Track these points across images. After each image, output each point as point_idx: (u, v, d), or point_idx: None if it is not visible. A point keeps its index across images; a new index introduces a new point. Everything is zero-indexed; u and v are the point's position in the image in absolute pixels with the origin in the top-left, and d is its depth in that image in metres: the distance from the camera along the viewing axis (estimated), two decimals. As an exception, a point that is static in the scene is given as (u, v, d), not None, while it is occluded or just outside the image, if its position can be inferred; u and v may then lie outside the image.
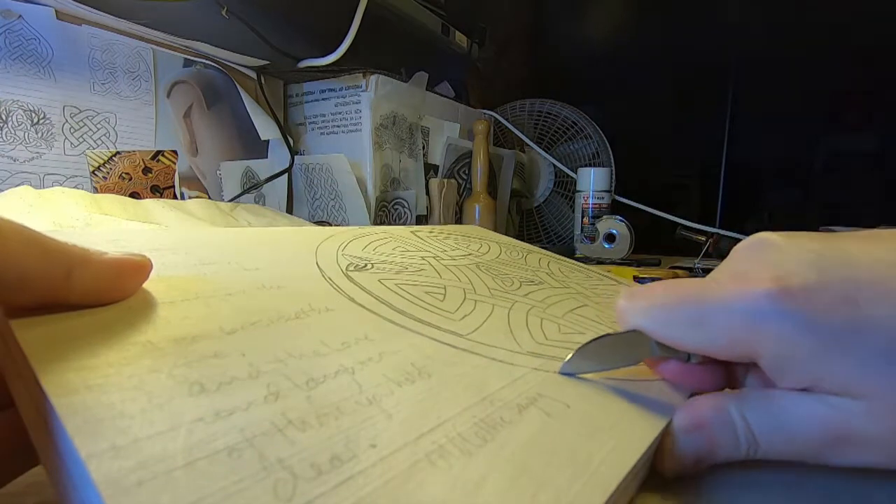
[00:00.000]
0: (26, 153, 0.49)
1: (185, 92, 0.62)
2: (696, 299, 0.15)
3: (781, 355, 0.14)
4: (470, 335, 0.19)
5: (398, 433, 0.12)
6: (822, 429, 0.14)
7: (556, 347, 0.20)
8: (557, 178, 1.03)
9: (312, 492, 0.10)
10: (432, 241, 0.33)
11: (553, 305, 0.25)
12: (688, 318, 0.15)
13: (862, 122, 0.97)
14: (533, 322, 0.22)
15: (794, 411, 0.14)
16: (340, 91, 0.71)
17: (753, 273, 0.15)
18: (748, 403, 0.15)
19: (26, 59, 0.48)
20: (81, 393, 0.10)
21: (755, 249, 0.16)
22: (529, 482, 0.11)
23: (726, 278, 0.16)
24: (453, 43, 0.88)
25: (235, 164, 0.68)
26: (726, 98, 1.06)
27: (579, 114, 1.02)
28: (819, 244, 0.15)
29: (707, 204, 1.08)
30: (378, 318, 0.18)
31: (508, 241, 0.39)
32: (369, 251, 0.27)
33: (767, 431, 0.15)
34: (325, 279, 0.21)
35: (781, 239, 0.16)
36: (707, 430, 0.15)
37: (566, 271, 0.33)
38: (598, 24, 1.19)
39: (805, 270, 0.14)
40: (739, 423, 0.15)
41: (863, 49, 0.93)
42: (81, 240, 0.13)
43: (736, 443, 0.15)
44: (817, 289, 0.14)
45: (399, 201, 0.76)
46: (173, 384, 0.12)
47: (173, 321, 0.14)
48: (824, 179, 1.01)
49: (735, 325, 0.14)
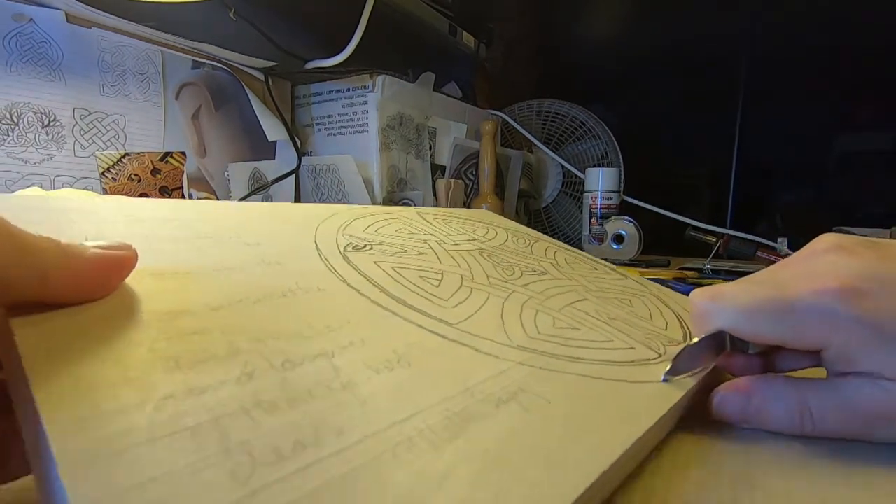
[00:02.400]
0: (37, 155, 0.49)
1: (194, 94, 0.62)
2: (778, 299, 0.18)
3: (849, 347, 0.17)
4: (459, 324, 0.19)
5: (368, 422, 0.12)
6: (877, 408, 0.17)
7: (547, 342, 0.19)
8: (566, 178, 1.03)
9: (269, 477, 0.09)
10: (438, 223, 0.32)
11: (552, 298, 0.24)
12: (772, 316, 0.18)
13: (876, 121, 0.96)
14: (527, 314, 0.21)
15: (853, 394, 0.17)
16: (347, 92, 0.71)
17: (829, 276, 0.17)
18: (809, 386, 0.18)
19: (37, 62, 0.48)
20: (57, 364, 0.10)
21: (827, 252, 0.19)
22: (500, 477, 0.11)
23: (801, 279, 0.18)
24: (460, 43, 0.88)
25: (243, 165, 0.68)
26: (737, 97, 1.04)
27: (588, 114, 1.02)
28: (873, 253, 0.18)
29: (717, 204, 1.07)
30: (367, 302, 0.18)
31: (516, 228, 0.38)
32: (371, 232, 0.26)
33: (826, 410, 0.17)
34: (321, 259, 0.20)
35: (851, 248, 0.19)
36: (756, 396, 0.18)
37: (572, 262, 0.32)
38: (607, 23, 1.18)
39: (871, 277, 0.17)
40: (795, 400, 0.18)
41: (877, 47, 0.92)
42: (92, 213, 0.12)
43: (791, 417, 0.18)
44: (881, 294, 0.17)
45: (406, 202, 0.76)
46: (151, 358, 0.11)
47: (161, 295, 0.14)
48: (837, 179, 0.99)
49: (813, 321, 0.17)
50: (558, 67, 1.23)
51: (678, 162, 1.13)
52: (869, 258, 0.18)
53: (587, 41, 1.20)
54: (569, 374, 0.17)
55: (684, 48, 1.08)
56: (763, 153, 1.05)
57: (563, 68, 1.23)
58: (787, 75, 1.00)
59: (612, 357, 0.19)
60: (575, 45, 1.21)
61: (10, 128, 0.47)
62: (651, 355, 0.20)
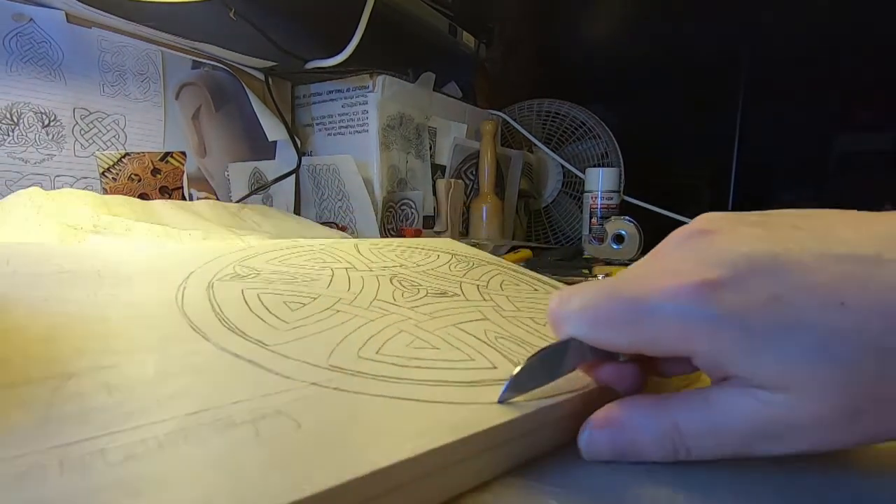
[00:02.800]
0: (37, 155, 0.49)
1: (194, 94, 0.62)
2: (628, 299, 0.15)
3: (714, 352, 0.14)
4: (276, 346, 0.18)
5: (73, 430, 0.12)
6: (752, 422, 0.14)
7: (377, 363, 0.18)
8: (566, 178, 1.03)
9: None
10: (366, 253, 0.31)
11: (437, 319, 0.23)
12: (620, 322, 0.15)
13: (876, 121, 0.95)
14: (382, 336, 0.20)
15: (723, 408, 0.15)
16: (347, 92, 0.71)
17: (684, 269, 0.15)
18: (680, 406, 0.15)
19: (37, 62, 0.48)
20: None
21: (689, 239, 0.16)
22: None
23: (657, 273, 0.15)
24: (461, 43, 0.88)
25: (243, 165, 0.68)
26: (737, 96, 1.04)
27: (588, 114, 1.01)
28: (755, 232, 0.15)
29: (718, 204, 1.07)
30: (184, 326, 0.18)
31: (466, 254, 0.35)
32: (273, 262, 0.27)
33: (699, 434, 0.15)
34: (177, 289, 0.21)
35: (718, 230, 0.16)
36: (624, 430, 0.15)
37: (508, 284, 0.30)
38: (607, 23, 1.18)
39: (733, 268, 0.14)
40: (665, 425, 0.15)
41: (878, 47, 0.92)
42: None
43: (663, 444, 0.15)
44: (750, 283, 0.14)
45: (406, 202, 0.76)
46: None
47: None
48: (838, 179, 0.99)
49: (668, 326, 0.14)
50: (559, 67, 1.23)
51: (678, 162, 1.12)
52: (745, 238, 0.15)
53: (587, 41, 1.20)
54: (368, 394, 0.16)
55: (685, 48, 1.08)
56: (763, 153, 1.05)
57: (563, 68, 1.23)
58: (787, 75, 1.00)
59: (451, 377, 0.17)
60: (575, 45, 1.21)
61: (11, 128, 0.47)
62: None
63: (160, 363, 0.16)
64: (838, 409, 0.13)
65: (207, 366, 0.16)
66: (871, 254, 0.14)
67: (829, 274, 0.13)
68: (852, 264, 0.13)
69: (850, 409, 0.13)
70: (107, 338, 0.17)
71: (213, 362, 0.16)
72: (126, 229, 0.38)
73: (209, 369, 0.16)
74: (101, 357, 0.15)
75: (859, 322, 0.13)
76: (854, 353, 0.13)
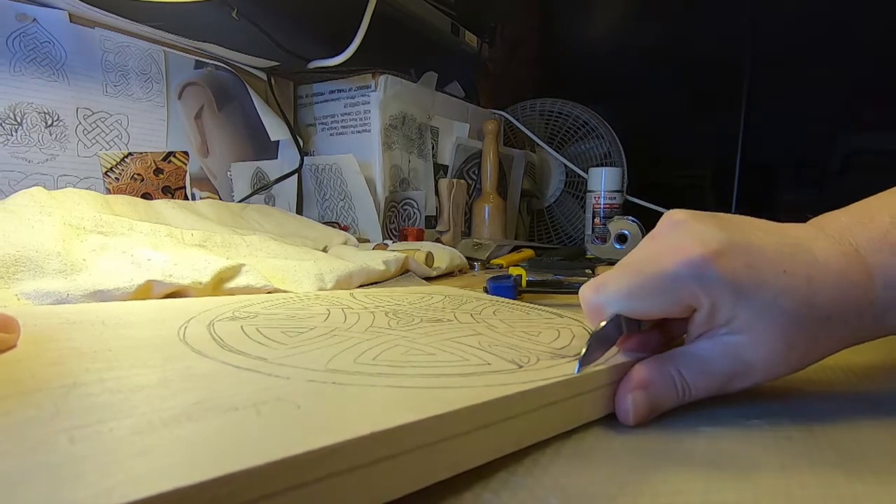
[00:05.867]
0: (41, 155, 0.49)
1: (196, 94, 0.63)
2: (656, 275, 0.19)
3: (714, 304, 0.19)
4: (277, 359, 0.18)
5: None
6: (727, 365, 0.19)
7: (373, 366, 0.18)
8: (568, 177, 1.03)
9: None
10: (362, 298, 0.32)
11: (431, 336, 0.23)
12: (654, 289, 0.19)
13: (880, 120, 0.95)
14: (379, 348, 0.21)
15: (707, 356, 0.19)
16: (350, 92, 0.71)
17: (687, 245, 0.19)
18: (679, 359, 0.20)
19: (40, 62, 0.49)
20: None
21: (677, 225, 0.21)
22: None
23: (668, 251, 0.19)
24: (463, 42, 0.88)
25: (246, 165, 0.69)
26: (741, 96, 1.04)
27: (591, 113, 1.01)
28: (716, 222, 0.20)
29: (721, 204, 1.07)
30: (185, 349, 0.19)
31: (465, 294, 0.36)
32: (273, 307, 0.28)
33: (694, 376, 0.19)
34: (179, 328, 0.22)
35: (693, 219, 0.20)
36: (654, 386, 0.19)
37: (503, 312, 0.30)
38: (610, 22, 1.18)
39: (725, 240, 0.19)
40: (676, 376, 0.19)
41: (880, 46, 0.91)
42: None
43: (676, 392, 0.19)
44: (732, 257, 0.19)
45: (408, 202, 0.76)
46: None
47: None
48: (841, 178, 0.99)
49: (687, 286, 0.19)
50: (561, 67, 1.23)
51: (681, 161, 1.12)
52: (717, 225, 0.20)
53: (590, 41, 1.20)
54: (365, 385, 0.16)
55: (687, 48, 1.07)
56: (767, 152, 1.04)
57: (565, 68, 1.22)
58: (790, 74, 1.00)
59: (447, 371, 0.18)
60: (577, 44, 1.21)
61: (14, 128, 0.47)
62: (508, 367, 0.19)
63: (162, 374, 0.17)
64: (780, 346, 0.19)
65: (209, 374, 0.17)
66: (797, 241, 0.20)
67: (776, 251, 0.19)
68: (788, 246, 0.19)
69: (788, 345, 0.19)
70: (111, 360, 0.18)
71: (215, 371, 0.17)
72: (128, 229, 0.38)
73: (211, 376, 0.17)
74: (107, 372, 0.16)
75: (794, 284, 0.18)
76: (792, 305, 0.18)
